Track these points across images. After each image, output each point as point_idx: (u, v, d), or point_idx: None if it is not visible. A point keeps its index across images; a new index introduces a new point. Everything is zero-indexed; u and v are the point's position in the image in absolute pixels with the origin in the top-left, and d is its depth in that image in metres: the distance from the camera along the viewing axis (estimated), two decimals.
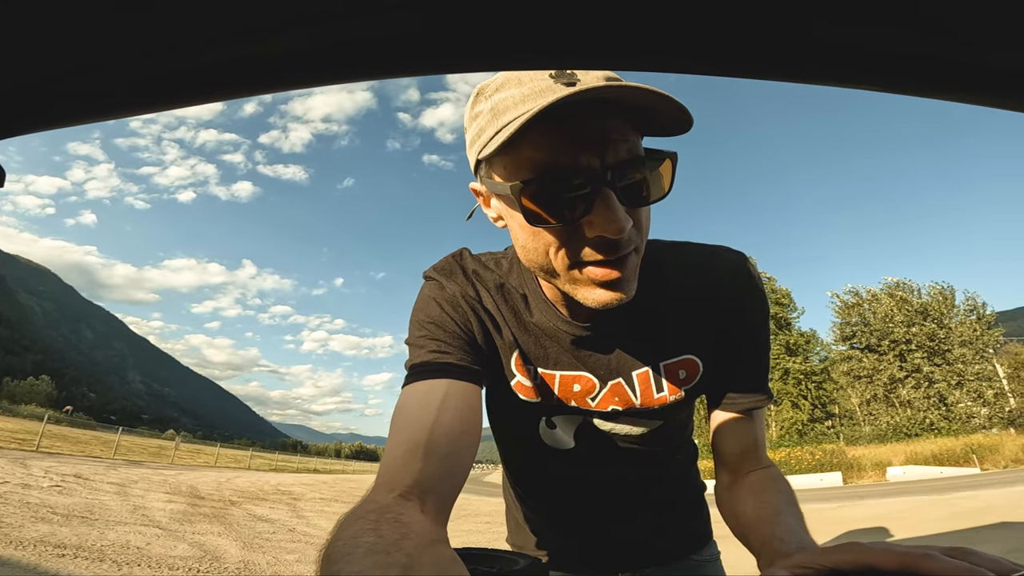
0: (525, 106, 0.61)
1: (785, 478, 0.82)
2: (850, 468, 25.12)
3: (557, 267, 0.66)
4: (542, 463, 0.97)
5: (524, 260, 0.71)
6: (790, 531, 0.65)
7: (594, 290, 0.66)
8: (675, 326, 0.82)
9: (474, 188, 0.77)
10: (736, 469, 0.85)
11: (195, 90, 0.33)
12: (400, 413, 0.71)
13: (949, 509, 8.52)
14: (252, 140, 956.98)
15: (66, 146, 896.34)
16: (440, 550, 0.52)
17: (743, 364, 0.85)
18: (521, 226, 0.66)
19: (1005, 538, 5.75)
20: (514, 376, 0.85)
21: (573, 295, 0.68)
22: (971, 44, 0.29)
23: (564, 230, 0.63)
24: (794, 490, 0.78)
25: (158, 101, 0.34)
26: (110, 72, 0.31)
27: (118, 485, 10.85)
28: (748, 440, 0.86)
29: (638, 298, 0.71)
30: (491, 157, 0.65)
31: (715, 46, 0.29)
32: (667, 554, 1.06)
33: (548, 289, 0.81)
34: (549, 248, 0.65)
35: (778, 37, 0.29)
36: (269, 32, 0.29)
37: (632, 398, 0.84)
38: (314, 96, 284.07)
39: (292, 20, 0.28)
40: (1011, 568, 0.37)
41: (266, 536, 6.98)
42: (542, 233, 0.65)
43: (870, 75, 0.31)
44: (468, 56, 0.31)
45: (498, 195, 0.70)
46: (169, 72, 0.31)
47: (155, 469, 18.24)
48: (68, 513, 6.60)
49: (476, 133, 0.69)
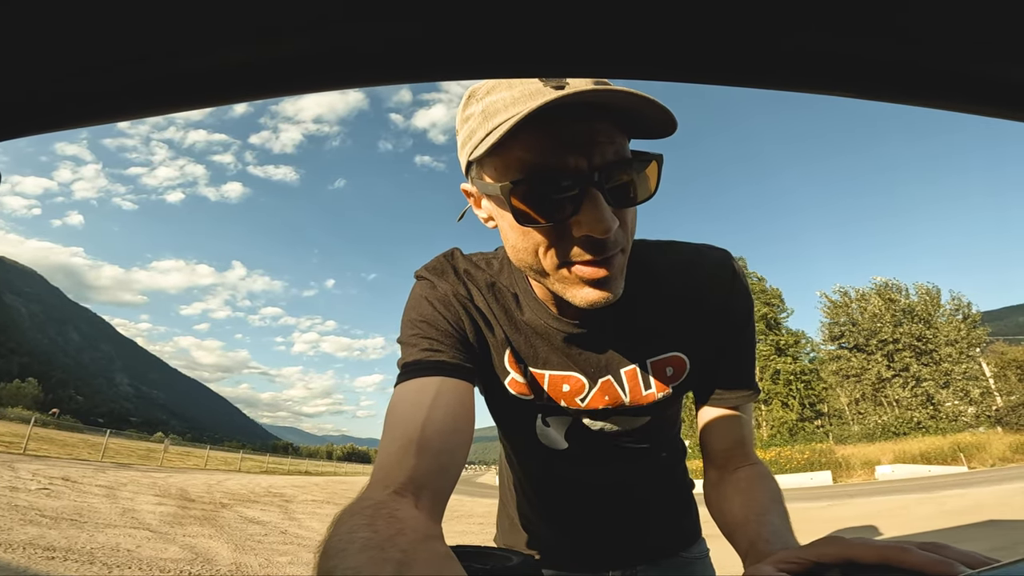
0: (515, 108, 0.62)
1: (772, 476, 0.83)
2: (839, 467, 25.36)
3: (546, 267, 0.68)
4: (538, 461, 0.98)
5: (514, 260, 0.73)
6: (776, 532, 0.66)
7: (582, 289, 0.67)
8: (662, 324, 0.83)
9: (465, 189, 0.79)
10: (723, 465, 0.86)
11: (194, 95, 0.33)
12: (393, 411, 0.71)
13: (937, 507, 8.63)
14: (242, 141, 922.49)
15: (53, 146, 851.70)
16: (435, 546, 0.52)
17: (729, 360, 0.86)
18: (511, 226, 0.68)
19: (991, 536, 5.83)
20: (508, 374, 0.86)
21: (562, 295, 0.70)
22: (957, 54, 0.29)
23: (553, 230, 0.65)
24: (781, 488, 0.79)
25: (161, 104, 0.34)
26: (112, 75, 0.31)
27: (107, 488, 10.73)
28: (735, 436, 0.87)
29: (626, 296, 0.73)
30: (482, 158, 0.66)
31: (714, 57, 0.30)
32: (657, 551, 1.07)
33: (538, 288, 0.82)
34: (538, 248, 0.67)
35: (769, 47, 0.29)
36: (271, 37, 0.29)
37: (621, 395, 0.85)
38: (306, 97, 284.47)
39: (293, 26, 0.28)
40: (982, 561, 0.39)
41: (258, 538, 6.93)
42: (531, 233, 0.66)
43: (861, 84, 0.32)
44: (466, 64, 0.32)
45: (488, 196, 0.71)
46: (171, 76, 0.32)
47: (144, 472, 18.06)
48: (57, 516, 6.52)
49: (467, 135, 0.70)
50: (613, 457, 0.95)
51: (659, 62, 0.30)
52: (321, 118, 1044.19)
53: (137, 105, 0.34)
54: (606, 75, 0.33)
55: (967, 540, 5.39)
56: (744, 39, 0.29)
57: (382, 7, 0.27)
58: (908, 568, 0.41)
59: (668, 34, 0.28)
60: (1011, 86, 0.31)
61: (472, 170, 0.72)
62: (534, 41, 0.29)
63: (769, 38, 0.28)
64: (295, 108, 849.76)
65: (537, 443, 0.94)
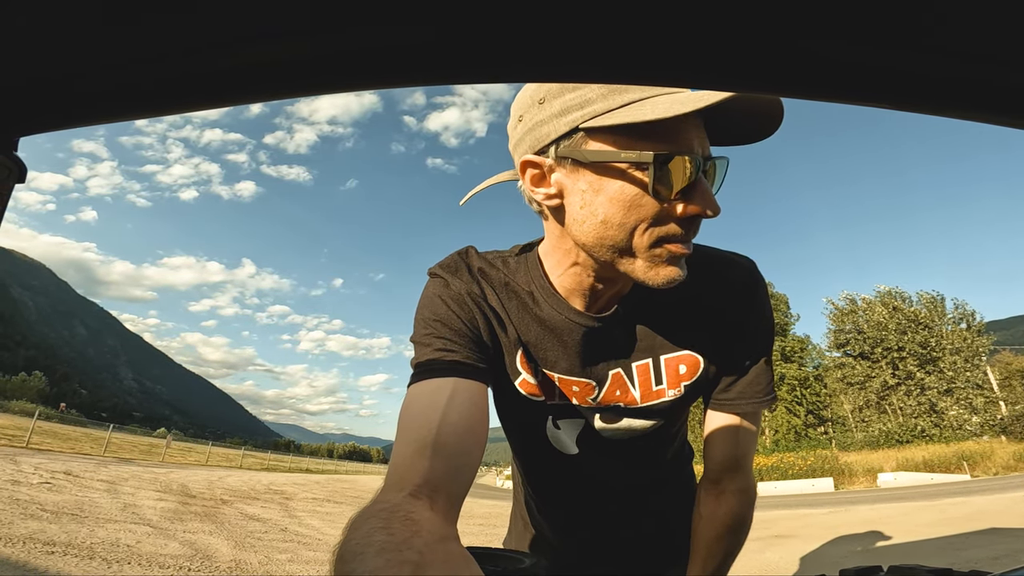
0: (642, 92, 0.65)
1: (743, 504, 0.91)
2: (842, 473, 25.22)
3: (643, 243, 0.68)
4: (549, 464, 0.98)
5: (599, 238, 0.70)
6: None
7: (666, 268, 0.69)
8: (680, 323, 0.83)
9: (531, 161, 0.73)
10: (716, 480, 0.91)
11: (211, 94, 0.34)
12: (407, 412, 0.71)
13: (939, 515, 8.58)
14: (257, 140, 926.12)
15: (70, 143, 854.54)
16: (451, 547, 0.52)
17: (744, 369, 0.86)
18: (612, 199, 0.67)
19: (993, 543, 5.80)
20: (519, 374, 0.85)
21: (641, 275, 0.70)
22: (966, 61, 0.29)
23: (665, 207, 0.67)
24: (743, 518, 0.91)
25: (179, 103, 0.34)
26: (131, 73, 0.32)
27: (108, 483, 10.77)
28: (734, 451, 0.89)
29: (647, 293, 0.74)
30: (605, 128, 0.65)
31: (726, 63, 0.30)
32: (667, 558, 1.07)
33: (563, 284, 0.81)
34: (641, 224, 0.67)
35: (779, 54, 0.30)
36: (288, 39, 0.29)
37: (632, 390, 0.85)
38: (321, 98, 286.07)
39: (309, 27, 0.28)
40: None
41: (258, 535, 6.94)
42: (641, 208, 0.66)
43: (867, 91, 0.32)
44: (479, 68, 0.32)
45: (594, 165, 0.67)
46: (188, 74, 0.32)
47: (146, 467, 18.12)
48: (58, 510, 6.55)
49: (579, 101, 0.66)
50: (623, 461, 0.95)
51: (672, 67, 0.31)
52: (335, 119, 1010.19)
53: (155, 103, 0.35)
54: (619, 80, 0.33)
55: (968, 548, 5.36)
56: (755, 46, 0.29)
57: (397, 10, 0.27)
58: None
59: (680, 40, 0.29)
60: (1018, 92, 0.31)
61: (571, 139, 0.68)
62: (547, 45, 0.30)
63: (778, 45, 0.29)
64: (310, 109, 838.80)
65: (547, 446, 0.94)
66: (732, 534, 0.90)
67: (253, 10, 0.27)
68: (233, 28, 0.29)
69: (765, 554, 6.04)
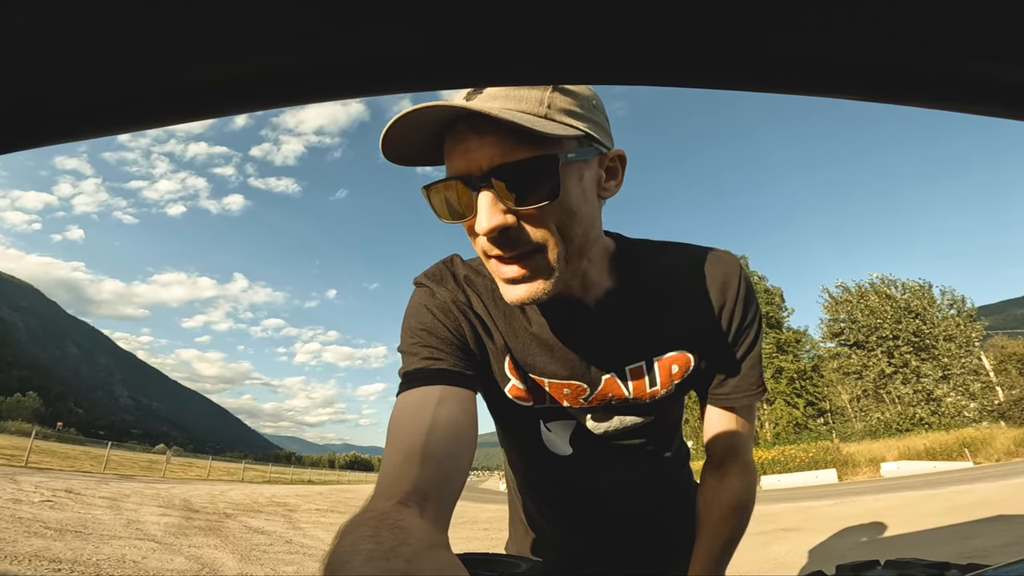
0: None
1: (746, 487, 0.93)
2: (844, 465, 25.26)
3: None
4: (542, 466, 0.99)
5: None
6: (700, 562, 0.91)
7: (506, 287, 0.70)
8: (669, 323, 0.84)
9: None
10: (719, 465, 0.94)
11: (194, 106, 0.32)
12: (396, 421, 0.71)
13: (944, 504, 8.59)
14: (243, 153, 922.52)
15: (52, 160, 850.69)
16: (440, 554, 0.53)
17: (734, 362, 0.88)
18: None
19: (1001, 531, 5.75)
20: (508, 380, 0.86)
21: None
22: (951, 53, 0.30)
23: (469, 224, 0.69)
24: (745, 500, 0.93)
25: (161, 116, 0.33)
26: (110, 86, 0.31)
27: (110, 499, 10.69)
28: (732, 440, 0.91)
29: (630, 296, 0.76)
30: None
31: (715, 61, 0.30)
32: (666, 558, 1.07)
33: None
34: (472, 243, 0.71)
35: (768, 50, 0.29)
36: (270, 48, 0.29)
37: (624, 391, 0.86)
38: (307, 109, 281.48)
39: (294, 36, 0.28)
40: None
41: (263, 548, 6.90)
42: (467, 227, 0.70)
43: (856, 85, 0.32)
44: (465, 73, 0.32)
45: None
46: (170, 87, 0.31)
47: (147, 483, 18.00)
48: (61, 528, 6.49)
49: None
50: (617, 460, 0.96)
51: (659, 67, 0.31)
52: (323, 130, 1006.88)
53: (136, 117, 0.33)
54: (606, 81, 0.33)
55: (976, 536, 5.34)
56: (744, 42, 0.29)
57: (381, 17, 0.27)
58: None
59: (667, 39, 0.29)
60: (1009, 85, 0.31)
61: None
62: (533, 48, 0.29)
63: (767, 40, 0.29)
64: (296, 120, 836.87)
65: (541, 448, 0.94)
66: (736, 515, 0.92)
67: (238, 19, 0.26)
68: (216, 38, 0.28)
69: (771, 548, 6.03)
